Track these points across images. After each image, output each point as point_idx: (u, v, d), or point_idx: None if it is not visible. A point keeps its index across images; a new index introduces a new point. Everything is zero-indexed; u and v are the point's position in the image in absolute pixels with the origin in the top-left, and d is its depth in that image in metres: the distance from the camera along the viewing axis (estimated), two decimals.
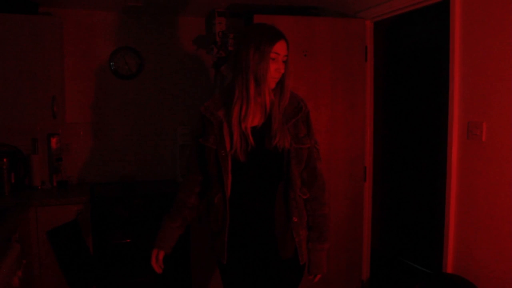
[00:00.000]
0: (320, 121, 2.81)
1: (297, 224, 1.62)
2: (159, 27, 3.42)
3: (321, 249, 1.68)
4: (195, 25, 3.47)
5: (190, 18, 3.46)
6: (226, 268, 1.69)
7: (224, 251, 1.63)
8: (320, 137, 2.64)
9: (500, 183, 2.02)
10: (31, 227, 2.66)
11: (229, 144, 1.56)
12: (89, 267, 2.76)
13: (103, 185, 3.23)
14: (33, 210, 2.67)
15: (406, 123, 3.99)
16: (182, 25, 3.47)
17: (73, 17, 3.20)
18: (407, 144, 3.98)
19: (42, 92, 2.88)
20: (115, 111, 3.37)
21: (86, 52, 3.27)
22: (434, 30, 3.45)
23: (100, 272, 2.80)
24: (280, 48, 1.54)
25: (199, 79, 3.53)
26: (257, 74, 1.52)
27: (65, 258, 2.72)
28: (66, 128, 3.22)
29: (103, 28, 3.29)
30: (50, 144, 3.14)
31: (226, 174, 1.57)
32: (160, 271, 1.73)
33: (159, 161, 3.50)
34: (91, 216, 2.79)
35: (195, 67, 3.52)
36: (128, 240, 2.85)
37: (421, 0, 2.42)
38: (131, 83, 3.39)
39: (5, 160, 2.85)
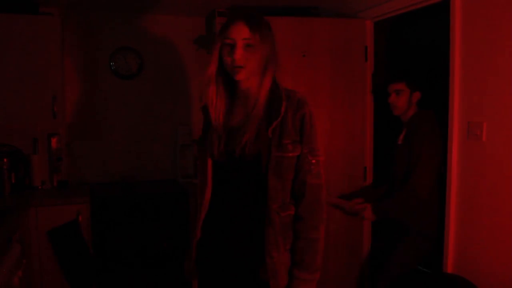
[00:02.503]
0: (320, 122, 2.79)
1: (270, 244, 1.38)
2: (159, 27, 3.42)
3: (302, 278, 1.40)
4: (195, 25, 3.46)
5: (190, 18, 3.46)
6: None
7: (191, 252, 1.54)
8: (319, 138, 2.63)
9: (500, 183, 2.02)
10: (31, 227, 2.66)
11: (217, 144, 1.43)
12: (89, 267, 2.76)
13: (103, 185, 3.23)
14: (33, 210, 2.67)
15: None
16: (182, 25, 3.46)
17: (73, 17, 3.20)
18: None
19: (42, 92, 2.88)
20: (115, 111, 3.37)
21: (86, 52, 3.27)
22: (435, 30, 3.45)
23: (100, 272, 2.80)
24: (235, 31, 1.34)
25: (200, 79, 3.53)
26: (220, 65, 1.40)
27: (65, 258, 2.72)
28: (66, 128, 3.21)
29: (103, 28, 3.29)
30: (50, 144, 3.13)
31: (205, 177, 1.47)
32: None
33: (159, 161, 3.50)
34: (91, 216, 2.79)
35: (195, 67, 3.52)
36: (128, 240, 2.85)
37: (421, 0, 2.43)
38: (131, 83, 3.39)
39: (5, 160, 2.85)
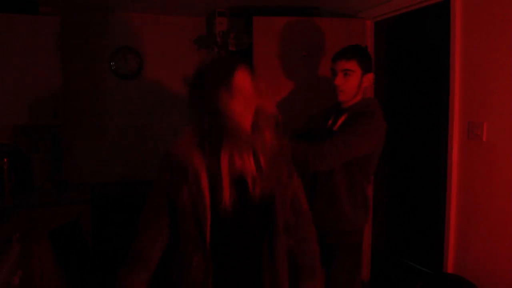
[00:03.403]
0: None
1: (283, 278, 1.39)
2: (159, 27, 3.42)
3: (315, 285, 1.49)
4: (195, 25, 3.47)
5: (190, 18, 3.46)
6: None
7: None
8: None
9: (500, 183, 2.02)
10: (31, 227, 2.65)
11: (209, 198, 1.29)
12: (89, 267, 2.76)
13: (103, 185, 3.23)
14: (33, 210, 2.67)
15: (406, 123, 3.99)
16: (182, 25, 3.46)
17: (73, 17, 3.20)
18: (408, 144, 3.98)
19: (42, 92, 2.88)
20: (115, 111, 3.37)
21: (86, 52, 3.27)
22: (436, 30, 3.45)
23: (100, 272, 2.80)
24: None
25: None
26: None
27: (65, 258, 2.72)
28: (66, 128, 3.21)
29: (103, 28, 3.29)
30: (51, 144, 3.13)
31: (205, 231, 1.29)
32: None
33: (159, 161, 3.49)
34: (91, 216, 2.79)
35: (195, 67, 3.51)
36: (128, 240, 2.85)
37: (422, 0, 2.43)
38: (131, 83, 3.39)
39: (5, 160, 2.86)
